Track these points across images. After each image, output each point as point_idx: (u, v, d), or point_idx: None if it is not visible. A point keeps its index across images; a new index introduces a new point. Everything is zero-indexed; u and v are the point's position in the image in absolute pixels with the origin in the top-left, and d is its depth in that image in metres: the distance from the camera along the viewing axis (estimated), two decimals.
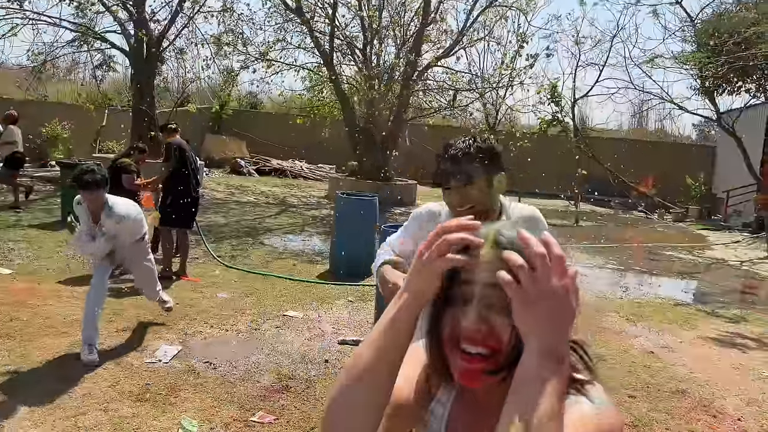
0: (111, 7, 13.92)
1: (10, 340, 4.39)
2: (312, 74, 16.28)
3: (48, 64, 15.69)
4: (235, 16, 14.68)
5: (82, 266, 6.72)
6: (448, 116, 18.13)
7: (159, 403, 3.61)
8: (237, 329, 5.08)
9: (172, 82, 19.70)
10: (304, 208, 13.53)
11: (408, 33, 15.07)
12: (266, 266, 7.52)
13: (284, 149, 21.94)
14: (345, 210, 7.57)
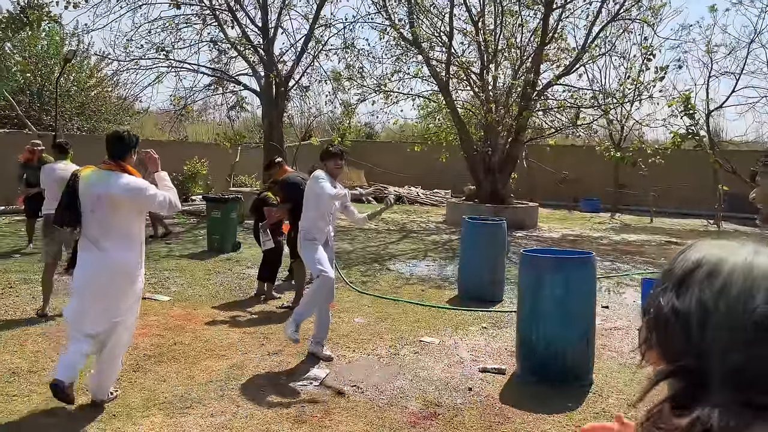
0: (243, 52, 15.02)
1: (176, 363, 4.77)
2: (427, 102, 16.53)
3: (188, 108, 17.15)
4: (355, 51, 15.27)
5: (230, 293, 7.21)
6: (571, 135, 17.58)
7: (316, 426, 3.75)
8: (377, 354, 5.18)
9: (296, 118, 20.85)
10: (424, 233, 13.63)
11: (525, 54, 14.89)
12: (396, 291, 7.63)
13: (400, 176, 22.37)
14: (472, 234, 7.54)
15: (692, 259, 0.86)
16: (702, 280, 0.82)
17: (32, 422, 3.66)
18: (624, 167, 16.82)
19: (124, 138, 3.92)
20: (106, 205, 3.77)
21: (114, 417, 3.76)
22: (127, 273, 3.83)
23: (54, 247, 6.06)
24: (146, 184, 3.90)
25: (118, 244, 3.78)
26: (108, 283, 3.78)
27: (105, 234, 3.78)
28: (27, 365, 4.59)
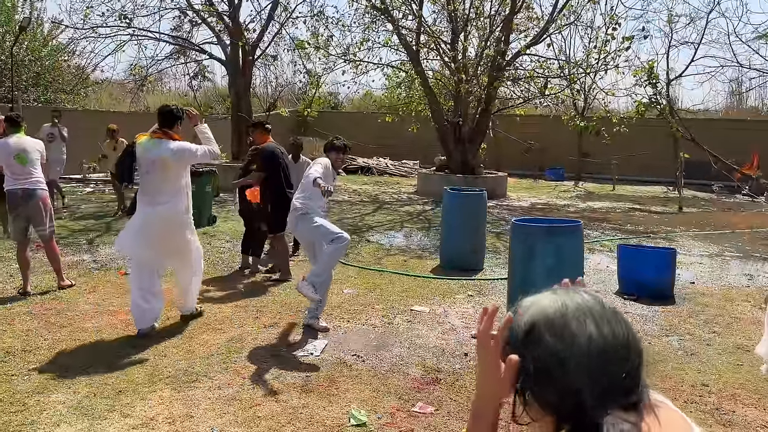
0: (207, 19, 14.61)
1: (173, 337, 4.77)
2: (397, 71, 16.46)
3: (149, 78, 16.64)
4: (323, 19, 15.04)
5: (213, 267, 7.17)
6: (538, 105, 17.81)
7: (324, 394, 3.83)
8: (372, 323, 5.27)
9: (261, 88, 20.49)
10: (397, 204, 13.73)
11: (494, 23, 14.93)
12: (378, 262, 7.72)
13: (368, 147, 22.32)
14: (453, 205, 7.65)
15: (527, 322, 1.06)
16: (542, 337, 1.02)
17: (36, 401, 3.63)
18: (587, 136, 17.19)
19: (173, 111, 4.84)
20: (159, 167, 4.67)
21: (120, 393, 3.76)
22: (177, 221, 4.82)
23: (21, 224, 5.87)
24: (189, 144, 4.84)
25: (169, 198, 4.73)
26: (163, 231, 4.76)
27: (158, 191, 4.71)
28: (20, 344, 4.52)
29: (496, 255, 8.22)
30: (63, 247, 7.90)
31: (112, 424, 3.39)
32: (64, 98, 19.41)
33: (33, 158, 5.85)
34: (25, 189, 5.74)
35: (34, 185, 5.79)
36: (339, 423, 3.47)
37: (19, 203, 5.77)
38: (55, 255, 6.00)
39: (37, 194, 5.80)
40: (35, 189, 5.78)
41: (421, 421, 3.52)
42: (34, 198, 5.77)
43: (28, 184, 5.76)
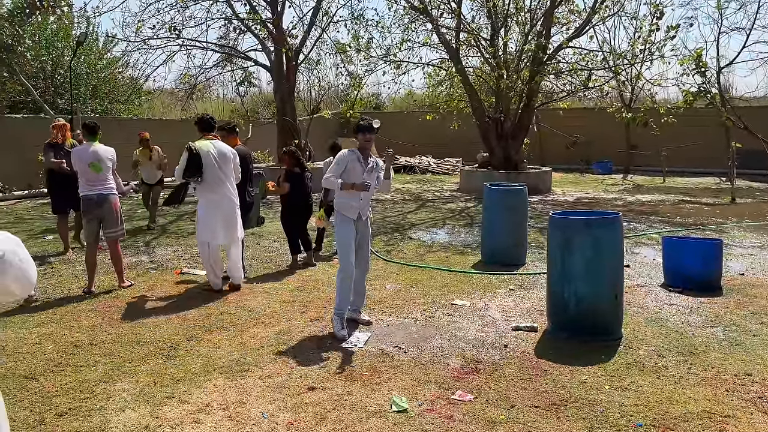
0: (252, 27, 15.04)
1: (226, 331, 5.05)
2: (437, 70, 16.54)
3: (198, 86, 17.21)
4: (363, 22, 15.26)
5: (262, 265, 7.47)
6: (582, 98, 17.58)
7: (367, 383, 4.01)
8: (413, 317, 5.43)
9: (305, 92, 20.89)
10: (439, 201, 13.83)
11: (535, 17, 14.84)
12: (421, 259, 7.87)
13: (410, 146, 22.46)
14: (493, 200, 7.72)
15: None
16: None
17: (103, 389, 3.94)
18: (635, 128, 16.85)
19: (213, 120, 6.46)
20: (224, 162, 6.09)
21: (178, 382, 4.04)
22: (234, 205, 6.19)
23: (94, 227, 6.29)
24: None
25: (229, 188, 6.15)
26: (224, 211, 6.12)
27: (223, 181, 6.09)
28: (86, 338, 4.87)
29: (539, 250, 8.24)
30: (122, 248, 8.36)
31: (171, 409, 3.65)
32: (119, 108, 20.32)
33: (106, 166, 6.23)
34: (99, 194, 6.18)
35: (107, 191, 6.22)
36: (381, 409, 3.64)
37: (94, 208, 6.21)
38: (118, 256, 6.40)
39: (110, 199, 6.22)
40: (108, 194, 6.21)
41: (460, 408, 3.66)
42: (107, 203, 6.20)
43: (102, 189, 6.19)
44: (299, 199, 7.43)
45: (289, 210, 7.47)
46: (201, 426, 3.45)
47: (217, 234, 6.16)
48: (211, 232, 6.13)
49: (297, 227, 7.47)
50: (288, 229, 7.51)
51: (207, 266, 6.28)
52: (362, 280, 5.27)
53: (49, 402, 3.75)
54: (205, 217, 6.16)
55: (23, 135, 13.29)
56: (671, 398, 3.77)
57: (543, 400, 3.76)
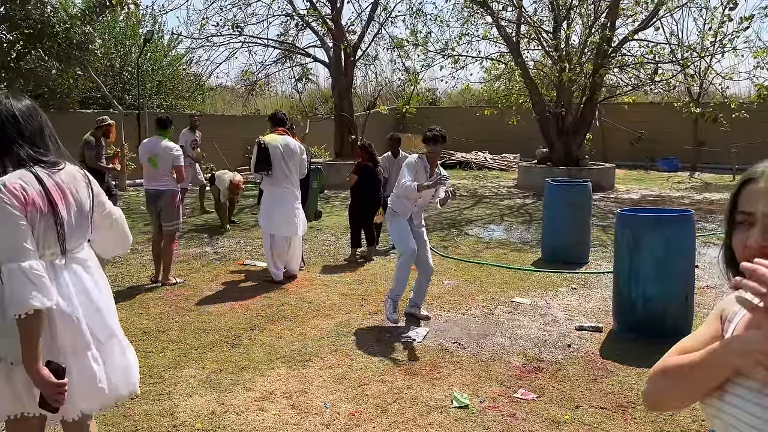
0: (311, 23, 15.22)
1: (287, 321, 5.13)
2: (496, 64, 16.30)
3: (259, 83, 17.57)
4: (422, 16, 15.20)
5: (321, 258, 7.57)
6: (648, 92, 16.97)
7: (426, 378, 4.00)
8: (472, 313, 5.37)
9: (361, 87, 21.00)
10: (496, 198, 13.64)
11: (599, 10, 14.40)
12: (477, 255, 7.78)
13: (466, 141, 22.25)
14: (555, 197, 7.54)
15: None
16: None
17: (171, 375, 4.08)
18: (703, 124, 16.14)
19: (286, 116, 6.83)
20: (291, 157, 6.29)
21: (243, 369, 4.14)
22: (296, 199, 6.42)
23: (155, 220, 6.45)
24: None
25: (293, 182, 6.37)
26: (288, 204, 6.33)
27: (288, 176, 6.31)
28: (155, 326, 5.05)
29: (603, 248, 8.01)
30: (187, 240, 8.65)
31: (236, 396, 3.74)
32: (183, 104, 20.95)
33: (164, 163, 6.24)
34: (157, 190, 6.32)
35: (164, 186, 6.29)
36: (442, 404, 3.62)
37: (151, 202, 6.39)
38: (169, 251, 6.35)
39: (166, 194, 6.30)
40: (165, 189, 6.30)
41: (522, 407, 3.60)
42: (163, 198, 6.30)
43: (157, 185, 6.31)
44: (369, 193, 7.48)
45: (358, 203, 7.55)
46: (265, 413, 3.52)
47: (281, 226, 6.35)
48: (275, 224, 6.33)
49: (363, 221, 7.55)
50: (353, 221, 7.59)
51: (268, 257, 6.43)
52: (425, 281, 5.24)
53: None
54: (270, 210, 6.37)
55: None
56: None
57: (609, 401, 3.65)
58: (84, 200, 2.21)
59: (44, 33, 13.56)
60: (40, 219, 2.03)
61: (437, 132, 4.87)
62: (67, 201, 2.14)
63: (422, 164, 4.92)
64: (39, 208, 2.02)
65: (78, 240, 2.21)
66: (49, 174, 2.11)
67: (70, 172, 2.21)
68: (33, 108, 2.17)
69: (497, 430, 3.33)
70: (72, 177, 2.19)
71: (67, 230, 2.13)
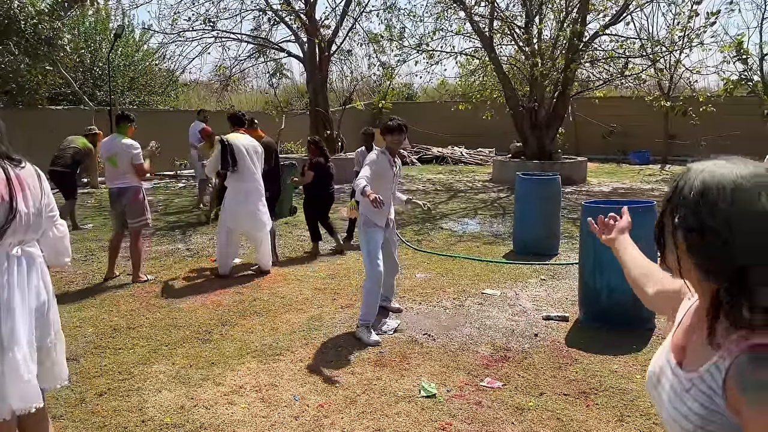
0: (285, 18, 15.15)
1: (259, 316, 5.15)
2: (471, 59, 16.40)
3: (233, 78, 17.43)
4: (396, 12, 15.23)
5: (294, 253, 7.58)
6: (619, 86, 17.23)
7: (396, 368, 4.06)
8: (443, 305, 5.45)
9: (337, 83, 20.97)
10: (471, 192, 13.75)
11: (570, 4, 14.58)
12: (450, 249, 7.86)
13: (442, 136, 22.36)
14: (526, 190, 7.66)
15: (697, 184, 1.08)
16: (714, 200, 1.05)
17: (140, 371, 4.08)
18: (674, 118, 16.43)
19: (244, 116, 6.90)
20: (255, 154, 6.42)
21: (213, 364, 4.15)
22: (261, 195, 6.47)
23: (118, 218, 6.37)
24: None
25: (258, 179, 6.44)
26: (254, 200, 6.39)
27: (254, 173, 6.38)
28: (125, 323, 5.03)
29: (572, 240, 8.14)
30: (160, 237, 8.59)
31: (206, 391, 3.76)
32: (156, 100, 20.71)
33: (123, 161, 6.10)
34: (119, 188, 6.18)
35: (125, 184, 6.15)
36: (410, 394, 3.68)
37: (115, 200, 6.30)
38: (137, 248, 6.28)
39: (129, 191, 6.17)
40: (127, 187, 6.16)
41: (488, 395, 3.67)
42: (126, 195, 6.17)
43: (119, 183, 6.18)
44: (322, 190, 7.53)
45: (313, 199, 7.57)
46: (234, 407, 3.54)
47: (242, 222, 6.45)
48: (236, 219, 6.42)
49: (319, 216, 7.60)
50: (310, 217, 7.61)
51: (221, 251, 6.53)
52: (390, 277, 5.25)
53: (89, 382, 3.89)
54: (233, 205, 6.42)
55: (63, 125, 13.66)
56: None
57: (573, 388, 3.75)
58: (39, 196, 2.33)
59: (11, 29, 13.31)
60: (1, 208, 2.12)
61: (400, 121, 4.76)
62: (25, 194, 2.28)
63: (385, 158, 4.77)
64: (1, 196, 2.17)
65: (32, 234, 2.32)
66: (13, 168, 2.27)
67: (29, 169, 2.37)
68: None
69: (463, 417, 3.40)
70: (30, 173, 2.31)
71: (24, 222, 2.21)
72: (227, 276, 6.45)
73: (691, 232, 1.07)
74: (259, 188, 6.47)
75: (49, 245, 2.44)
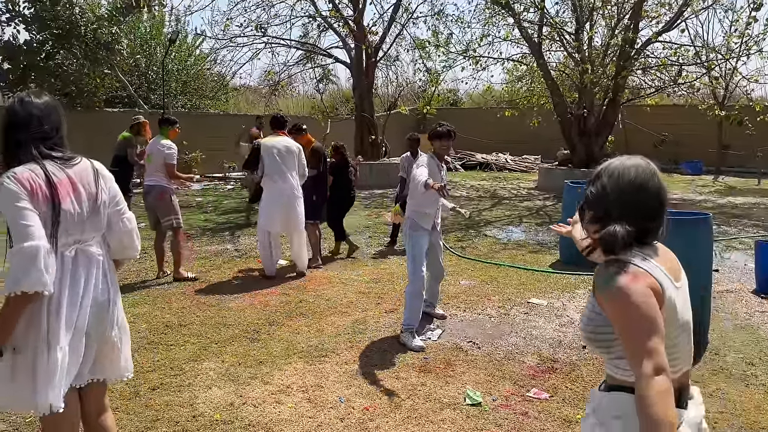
0: (333, 25, 15.35)
1: (305, 318, 5.23)
2: (518, 65, 16.26)
3: (282, 83, 17.77)
4: (443, 18, 15.24)
5: (338, 257, 7.65)
6: (671, 94, 16.78)
7: (440, 375, 4.06)
8: (487, 314, 5.41)
9: (382, 88, 21.08)
10: (516, 199, 13.61)
11: (622, 11, 14.30)
12: (494, 256, 7.79)
13: (487, 143, 22.20)
14: (574, 199, 7.53)
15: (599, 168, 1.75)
16: (601, 174, 1.71)
17: (191, 367, 4.19)
18: (728, 127, 15.92)
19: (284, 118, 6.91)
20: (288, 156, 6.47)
21: (261, 363, 4.24)
22: (295, 197, 6.50)
23: (151, 216, 6.59)
24: None
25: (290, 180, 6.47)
26: (286, 202, 6.45)
27: (284, 173, 6.44)
28: (177, 320, 5.18)
29: None
30: (209, 237, 8.81)
31: (254, 389, 3.84)
32: (207, 104, 21.24)
33: (156, 160, 6.38)
34: (148, 185, 6.47)
35: (153, 182, 6.40)
36: (455, 401, 3.68)
37: (145, 197, 6.57)
38: (176, 246, 6.49)
39: (155, 190, 6.39)
40: (153, 185, 6.40)
41: (535, 406, 3.63)
42: (152, 194, 6.41)
43: (149, 181, 6.47)
44: (342, 191, 7.66)
45: (334, 201, 7.65)
46: (282, 406, 3.61)
47: (276, 223, 6.53)
48: (270, 220, 6.51)
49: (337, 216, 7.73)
50: (333, 219, 7.72)
51: (263, 252, 6.66)
52: (436, 283, 5.27)
53: (143, 376, 4.02)
54: (267, 207, 6.56)
55: (119, 127, 14.14)
56: (760, 407, 3.58)
57: None
58: (97, 193, 2.31)
59: (72, 33, 13.90)
60: (47, 209, 2.14)
61: (448, 127, 4.80)
62: (77, 193, 2.25)
63: (434, 162, 4.81)
64: (45, 198, 2.14)
65: (90, 233, 2.32)
66: (61, 168, 2.24)
67: (84, 166, 2.33)
68: (50, 106, 2.30)
69: (509, 427, 3.38)
70: (85, 171, 2.31)
71: (78, 221, 2.24)
72: (273, 276, 6.57)
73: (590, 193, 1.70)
74: (291, 189, 6.50)
75: (115, 239, 2.44)
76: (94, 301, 2.31)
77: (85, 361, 2.34)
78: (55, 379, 2.16)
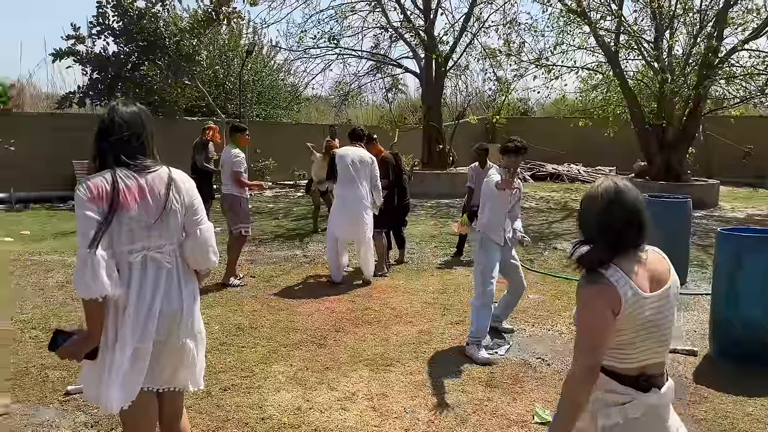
0: (404, 35, 15.47)
1: (371, 326, 5.26)
2: (593, 74, 15.82)
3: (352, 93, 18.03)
4: (516, 26, 15.06)
5: (404, 265, 7.66)
6: (758, 105, 15.87)
7: (507, 391, 3.98)
8: (557, 330, 5.27)
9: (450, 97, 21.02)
10: None
11: (705, 18, 13.66)
12: (564, 270, 7.58)
13: (558, 153, 21.68)
14: (652, 213, 7.18)
15: None
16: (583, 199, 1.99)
17: (261, 369, 4.30)
18: None
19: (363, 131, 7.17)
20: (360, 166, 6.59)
21: (327, 369, 4.29)
22: (362, 206, 6.59)
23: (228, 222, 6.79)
24: None
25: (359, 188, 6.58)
26: (352, 211, 6.58)
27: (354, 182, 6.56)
28: (248, 322, 5.34)
29: (702, 269, 7.59)
30: (279, 243, 9.04)
31: (320, 394, 3.90)
32: (281, 114, 21.83)
33: (227, 169, 6.55)
34: (222, 193, 6.71)
35: (226, 190, 6.63)
36: (523, 419, 3.59)
37: (221, 204, 6.84)
38: (233, 251, 6.66)
39: (226, 198, 6.62)
40: (226, 194, 6.63)
41: None
42: (224, 202, 6.67)
43: (223, 189, 6.69)
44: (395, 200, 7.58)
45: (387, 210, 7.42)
46: (347, 413, 3.64)
47: (342, 230, 6.66)
48: (337, 227, 6.68)
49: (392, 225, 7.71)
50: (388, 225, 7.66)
51: (330, 258, 6.81)
52: (515, 301, 5.20)
53: (215, 377, 4.16)
54: (334, 214, 6.79)
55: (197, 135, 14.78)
56: None
57: (701, 428, 3.48)
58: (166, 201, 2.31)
59: (156, 45, 14.64)
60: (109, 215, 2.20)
61: (519, 143, 4.71)
62: (144, 201, 2.27)
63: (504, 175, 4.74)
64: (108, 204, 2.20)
65: (157, 240, 2.31)
66: (134, 175, 2.27)
67: (159, 174, 2.34)
68: (135, 114, 2.36)
69: None
70: (159, 178, 2.32)
71: (143, 228, 2.27)
72: (341, 283, 6.66)
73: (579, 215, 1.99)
74: (360, 198, 6.62)
75: (187, 248, 2.41)
76: (165, 308, 2.32)
77: (158, 367, 2.36)
78: (119, 381, 2.23)
